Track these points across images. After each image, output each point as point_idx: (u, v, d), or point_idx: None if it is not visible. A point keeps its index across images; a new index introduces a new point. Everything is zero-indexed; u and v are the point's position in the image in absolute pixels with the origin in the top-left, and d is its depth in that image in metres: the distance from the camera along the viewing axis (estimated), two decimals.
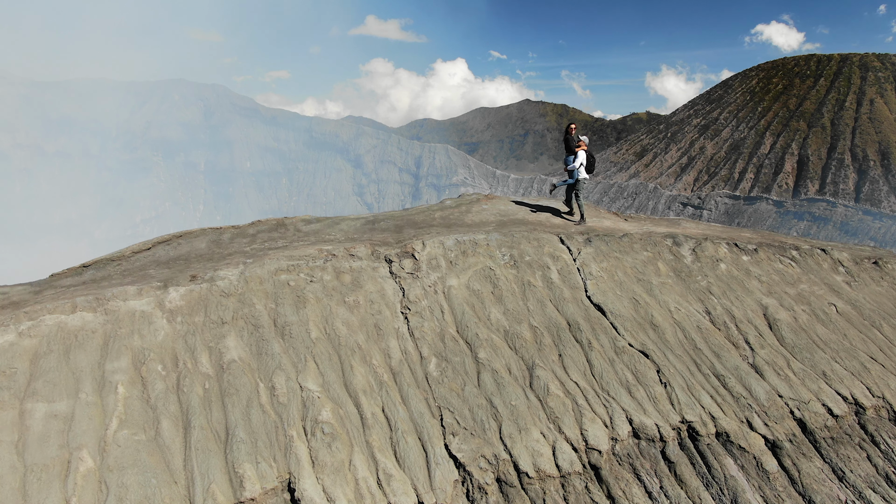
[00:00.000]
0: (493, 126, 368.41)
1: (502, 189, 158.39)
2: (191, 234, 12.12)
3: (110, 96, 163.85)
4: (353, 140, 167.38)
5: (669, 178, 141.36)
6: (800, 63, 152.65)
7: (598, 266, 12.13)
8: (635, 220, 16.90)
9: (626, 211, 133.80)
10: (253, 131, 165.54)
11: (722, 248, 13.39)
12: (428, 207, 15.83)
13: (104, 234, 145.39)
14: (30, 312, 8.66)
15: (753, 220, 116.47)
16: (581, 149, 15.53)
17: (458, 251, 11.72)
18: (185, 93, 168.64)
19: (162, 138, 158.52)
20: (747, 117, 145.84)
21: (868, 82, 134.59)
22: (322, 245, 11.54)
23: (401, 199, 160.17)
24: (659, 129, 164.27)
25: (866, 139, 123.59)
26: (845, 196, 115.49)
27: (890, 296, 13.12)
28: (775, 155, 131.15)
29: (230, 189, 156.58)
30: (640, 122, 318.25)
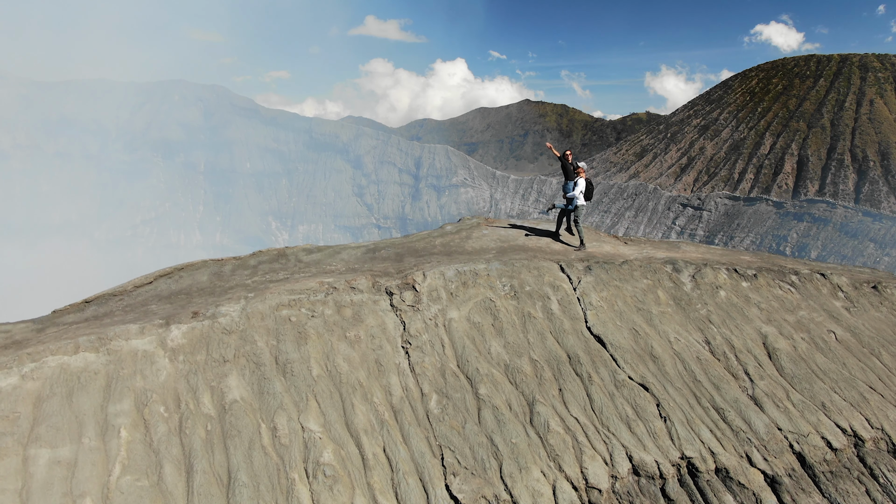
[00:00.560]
0: (493, 126, 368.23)
1: (502, 189, 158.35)
2: (192, 267, 12.16)
3: (110, 97, 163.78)
4: (352, 141, 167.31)
5: (669, 179, 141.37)
6: (799, 63, 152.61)
7: (599, 295, 12.17)
8: (635, 243, 16.94)
9: (626, 212, 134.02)
10: (253, 132, 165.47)
11: (721, 274, 13.43)
12: (429, 234, 15.87)
13: (104, 235, 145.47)
14: (32, 354, 8.70)
15: (753, 220, 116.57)
16: (581, 176, 15.60)
17: (459, 282, 11.77)
18: (184, 93, 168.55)
19: (162, 139, 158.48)
20: (747, 118, 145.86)
21: (868, 83, 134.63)
22: (323, 277, 11.58)
23: (400, 200, 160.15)
24: (659, 129, 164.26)
25: (866, 139, 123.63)
26: (845, 196, 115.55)
27: (889, 322, 13.17)
28: (775, 155, 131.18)
29: (230, 190, 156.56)
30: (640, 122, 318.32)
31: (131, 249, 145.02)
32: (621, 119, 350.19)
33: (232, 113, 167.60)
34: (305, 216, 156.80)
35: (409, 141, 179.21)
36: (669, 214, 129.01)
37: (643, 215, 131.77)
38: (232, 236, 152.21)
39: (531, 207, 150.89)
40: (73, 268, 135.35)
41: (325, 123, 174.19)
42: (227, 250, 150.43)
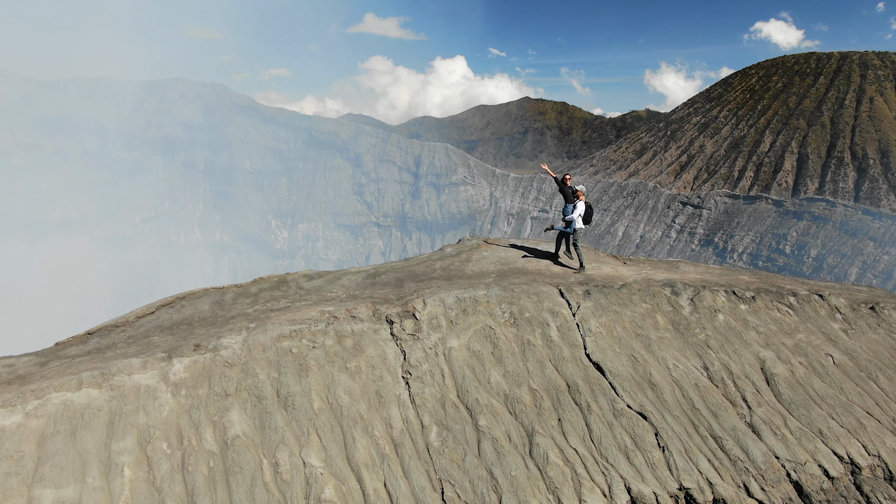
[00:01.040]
0: (493, 124, 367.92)
1: (502, 187, 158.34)
2: (194, 296, 12.23)
3: (110, 95, 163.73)
4: (352, 139, 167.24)
5: (669, 177, 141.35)
6: (799, 61, 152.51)
7: (598, 321, 12.25)
8: (634, 263, 17.01)
9: (626, 210, 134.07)
10: (252, 130, 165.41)
11: (720, 297, 13.51)
12: (429, 257, 15.94)
13: (104, 233, 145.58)
14: (36, 391, 8.78)
15: (753, 219, 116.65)
16: (580, 199, 15.69)
17: (459, 309, 11.84)
18: (184, 92, 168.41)
19: (161, 137, 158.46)
20: (747, 115, 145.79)
21: (868, 80, 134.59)
22: (324, 305, 11.65)
23: (400, 198, 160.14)
24: (659, 127, 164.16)
25: (866, 137, 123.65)
26: (845, 194, 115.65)
27: (886, 344, 13.24)
28: (775, 153, 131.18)
29: (230, 188, 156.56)
30: (640, 119, 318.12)
31: (131, 248, 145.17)
32: (621, 116, 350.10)
33: (231, 111, 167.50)
34: (305, 214, 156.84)
35: (408, 139, 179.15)
36: (669, 213, 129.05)
37: (643, 213, 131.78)
38: (232, 235, 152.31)
39: (531, 205, 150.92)
40: (73, 266, 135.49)
41: (324, 122, 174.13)
42: (226, 249, 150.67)
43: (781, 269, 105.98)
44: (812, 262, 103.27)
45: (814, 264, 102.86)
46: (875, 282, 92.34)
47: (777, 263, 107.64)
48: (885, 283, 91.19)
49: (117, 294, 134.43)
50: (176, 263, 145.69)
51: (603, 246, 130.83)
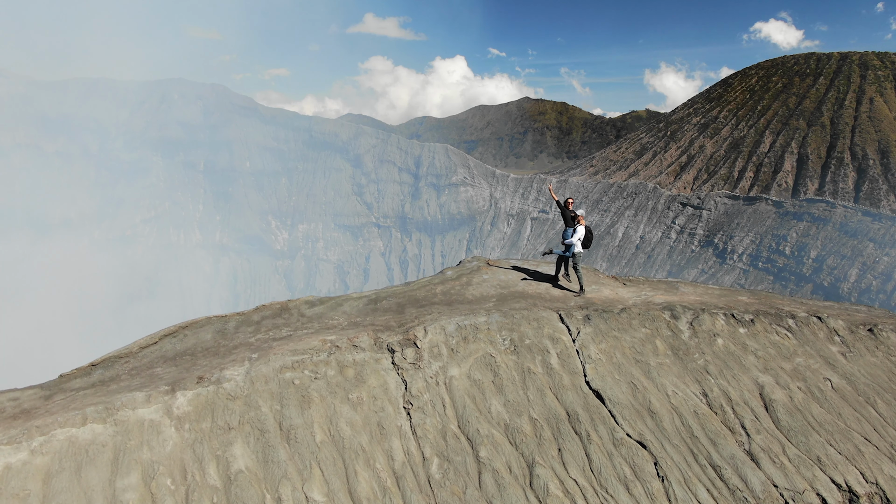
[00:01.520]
0: (493, 124, 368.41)
1: (502, 188, 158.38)
2: (196, 325, 12.32)
3: (110, 96, 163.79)
4: (352, 140, 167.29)
5: (669, 177, 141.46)
6: (799, 61, 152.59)
7: (597, 347, 12.33)
8: (634, 284, 17.09)
9: (626, 211, 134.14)
10: (252, 131, 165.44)
11: (719, 320, 13.59)
12: (429, 281, 16.01)
13: (104, 234, 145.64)
14: (41, 427, 8.86)
15: (753, 220, 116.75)
16: (581, 223, 15.81)
17: (460, 337, 11.93)
18: (184, 92, 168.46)
19: (161, 138, 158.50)
20: (747, 116, 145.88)
21: (868, 81, 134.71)
22: (325, 334, 11.73)
23: (400, 199, 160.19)
24: (659, 127, 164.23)
25: (866, 138, 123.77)
26: (844, 195, 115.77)
27: (884, 367, 13.33)
28: (775, 153, 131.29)
29: (230, 189, 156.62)
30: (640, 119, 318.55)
31: (131, 248, 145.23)
32: (621, 117, 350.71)
33: (231, 112, 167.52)
34: (305, 215, 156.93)
35: (408, 140, 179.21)
36: (669, 213, 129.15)
37: (643, 214, 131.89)
38: (231, 235, 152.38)
39: (531, 206, 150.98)
40: (73, 266, 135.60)
41: (324, 122, 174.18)
42: (226, 249, 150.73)
43: (781, 271, 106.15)
44: (812, 263, 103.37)
45: (814, 265, 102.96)
46: (875, 283, 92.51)
47: (777, 265, 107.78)
48: (885, 284, 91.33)
49: (117, 294, 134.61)
50: (176, 264, 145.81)
51: (603, 247, 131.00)
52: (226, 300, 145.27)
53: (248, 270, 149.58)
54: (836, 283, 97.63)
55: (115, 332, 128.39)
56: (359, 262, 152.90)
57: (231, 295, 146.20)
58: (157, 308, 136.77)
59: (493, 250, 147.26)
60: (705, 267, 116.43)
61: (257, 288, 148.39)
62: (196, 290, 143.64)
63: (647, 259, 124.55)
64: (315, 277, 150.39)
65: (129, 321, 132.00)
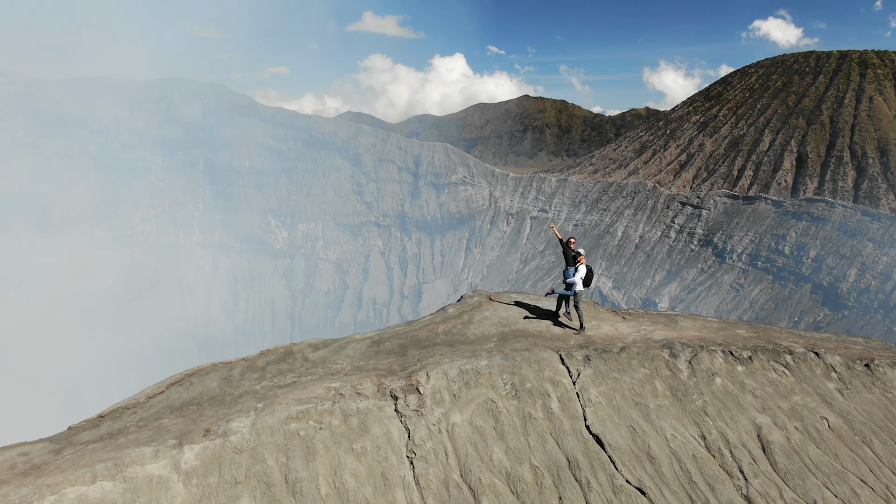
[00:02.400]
0: (492, 122, 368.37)
1: (501, 187, 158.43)
2: (202, 372, 12.48)
3: (109, 95, 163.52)
4: (351, 139, 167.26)
5: (668, 176, 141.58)
6: (799, 60, 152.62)
7: (597, 390, 12.51)
8: (633, 317, 17.24)
9: (625, 210, 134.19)
10: (252, 130, 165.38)
11: (717, 358, 13.76)
12: (431, 319, 16.17)
13: (103, 234, 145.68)
14: (52, 485, 9.02)
15: (752, 219, 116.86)
16: (581, 263, 16.01)
17: (462, 382, 12.10)
18: (183, 91, 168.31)
19: (161, 137, 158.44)
20: (746, 114, 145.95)
21: (867, 79, 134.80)
22: (329, 381, 11.90)
23: (400, 198, 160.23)
24: (658, 125, 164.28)
25: (865, 136, 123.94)
26: (844, 193, 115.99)
27: (880, 404, 13.51)
28: (774, 152, 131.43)
29: (229, 188, 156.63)
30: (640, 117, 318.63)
31: (131, 248, 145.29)
32: (620, 115, 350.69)
33: (231, 111, 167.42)
34: (305, 214, 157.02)
35: (408, 139, 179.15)
36: (668, 213, 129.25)
37: (642, 213, 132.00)
38: (231, 235, 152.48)
39: (530, 205, 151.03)
40: (74, 266, 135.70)
41: (324, 121, 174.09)
42: (226, 248, 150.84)
43: (780, 270, 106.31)
44: (811, 262, 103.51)
45: (813, 265, 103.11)
46: (874, 283, 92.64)
47: (776, 264, 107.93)
48: (884, 284, 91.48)
49: (118, 293, 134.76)
50: (175, 263, 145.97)
51: (602, 246, 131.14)
52: (225, 300, 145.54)
53: (247, 270, 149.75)
54: (836, 282, 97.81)
55: (116, 332, 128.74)
56: (358, 261, 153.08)
57: (231, 294, 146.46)
58: (157, 307, 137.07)
59: (493, 249, 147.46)
60: (704, 266, 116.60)
61: (257, 287, 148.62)
62: (196, 290, 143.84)
63: (647, 258, 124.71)
64: (315, 277, 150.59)
65: (130, 320, 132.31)
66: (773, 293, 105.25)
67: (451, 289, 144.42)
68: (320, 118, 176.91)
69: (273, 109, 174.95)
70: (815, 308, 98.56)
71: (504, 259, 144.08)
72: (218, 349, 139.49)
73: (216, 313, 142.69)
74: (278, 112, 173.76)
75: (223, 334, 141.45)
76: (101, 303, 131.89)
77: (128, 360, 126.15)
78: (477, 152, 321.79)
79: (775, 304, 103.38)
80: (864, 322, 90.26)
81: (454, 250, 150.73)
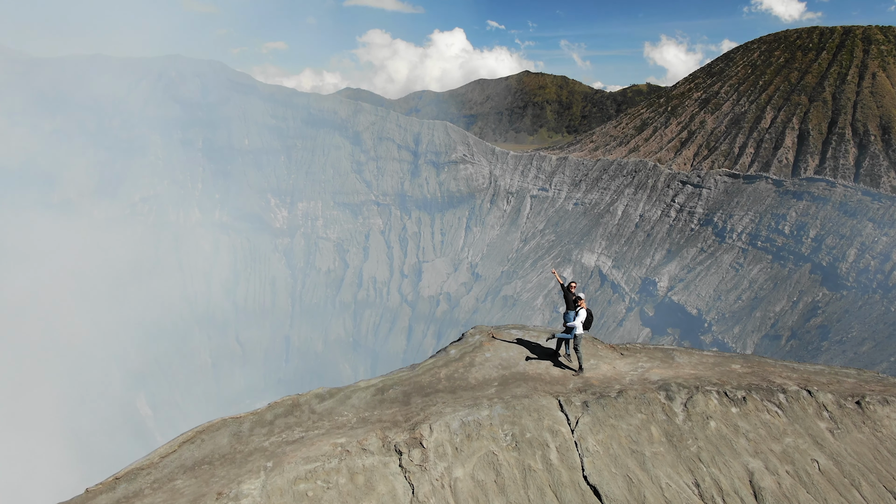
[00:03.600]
0: (492, 98, 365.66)
1: (501, 165, 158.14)
2: (212, 428, 12.85)
3: (106, 73, 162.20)
4: (351, 117, 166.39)
5: (669, 153, 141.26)
6: (802, 36, 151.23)
7: (595, 439, 12.90)
8: (630, 353, 17.59)
9: (625, 189, 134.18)
10: (251, 108, 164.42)
11: (712, 400, 14.14)
12: (433, 363, 16.52)
13: (103, 214, 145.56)
14: None
15: (752, 199, 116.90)
16: (582, 307, 16.35)
17: (464, 434, 12.48)
18: (181, 69, 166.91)
19: (159, 116, 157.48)
20: (748, 91, 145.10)
21: (871, 55, 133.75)
22: (336, 436, 12.29)
23: (399, 177, 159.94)
24: (659, 102, 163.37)
25: (867, 113, 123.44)
26: (845, 171, 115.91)
27: (870, 444, 13.90)
28: (776, 129, 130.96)
29: (228, 167, 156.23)
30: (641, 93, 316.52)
31: (131, 227, 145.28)
32: (621, 91, 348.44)
33: (230, 89, 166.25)
34: (304, 193, 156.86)
35: (407, 117, 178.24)
36: (669, 192, 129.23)
37: (642, 192, 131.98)
38: (231, 214, 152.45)
39: (530, 184, 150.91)
40: (73, 247, 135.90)
41: (323, 99, 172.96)
42: (226, 228, 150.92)
43: (780, 250, 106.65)
44: (811, 242, 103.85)
45: (812, 245, 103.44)
46: (873, 263, 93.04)
47: (776, 244, 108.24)
48: (883, 264, 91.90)
49: (118, 273, 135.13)
50: (175, 242, 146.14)
51: (602, 226, 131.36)
52: (226, 279, 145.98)
53: (247, 249, 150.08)
54: (835, 262, 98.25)
55: (117, 311, 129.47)
56: (358, 240, 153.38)
57: (231, 273, 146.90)
58: (157, 286, 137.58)
59: (493, 228, 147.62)
60: (704, 246, 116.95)
61: (257, 266, 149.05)
62: (196, 269, 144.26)
63: (647, 237, 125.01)
64: (315, 256, 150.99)
65: (131, 299, 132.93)
66: (772, 273, 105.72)
67: (451, 267, 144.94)
68: (319, 96, 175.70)
69: (272, 87, 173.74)
70: (813, 288, 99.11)
71: (504, 238, 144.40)
72: (219, 328, 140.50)
73: (217, 292, 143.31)
74: (277, 90, 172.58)
75: (224, 313, 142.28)
76: (101, 282, 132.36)
77: (129, 340, 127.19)
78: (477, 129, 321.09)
79: (774, 283, 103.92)
80: (863, 302, 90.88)
81: (454, 229, 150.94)
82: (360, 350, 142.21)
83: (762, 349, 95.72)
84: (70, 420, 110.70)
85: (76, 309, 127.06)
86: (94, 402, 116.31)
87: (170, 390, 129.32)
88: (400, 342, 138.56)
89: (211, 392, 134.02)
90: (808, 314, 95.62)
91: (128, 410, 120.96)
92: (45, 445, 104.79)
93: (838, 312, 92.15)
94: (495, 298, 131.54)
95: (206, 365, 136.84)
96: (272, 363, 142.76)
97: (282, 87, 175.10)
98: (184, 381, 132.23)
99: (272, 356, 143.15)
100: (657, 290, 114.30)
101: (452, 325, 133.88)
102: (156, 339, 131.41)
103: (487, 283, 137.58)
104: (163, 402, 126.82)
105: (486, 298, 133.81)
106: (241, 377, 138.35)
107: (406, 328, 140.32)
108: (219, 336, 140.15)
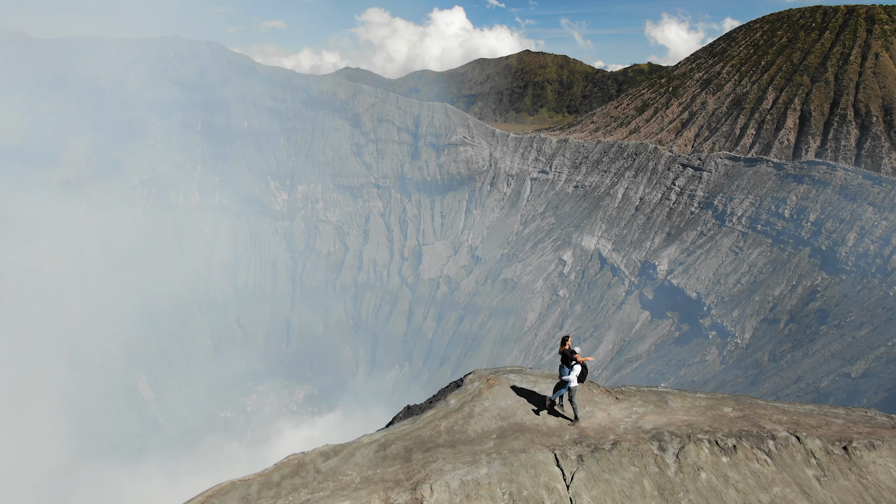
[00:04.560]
0: (493, 78, 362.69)
1: (501, 147, 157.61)
2: (221, 492, 13.08)
3: (104, 55, 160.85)
4: (350, 98, 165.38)
5: (670, 134, 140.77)
6: (805, 15, 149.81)
7: (589, 495, 13.16)
8: (625, 397, 17.82)
9: (626, 172, 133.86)
10: (250, 90, 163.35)
11: (703, 450, 14.37)
12: (434, 415, 16.79)
13: (102, 197, 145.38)
14: None
15: (753, 182, 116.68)
16: (578, 361, 16.60)
17: (463, 494, 12.75)
18: (179, 51, 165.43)
19: (157, 98, 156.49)
20: (750, 71, 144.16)
21: (874, 35, 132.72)
22: (340, 499, 12.54)
23: (399, 159, 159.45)
24: (660, 82, 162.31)
25: (870, 94, 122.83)
26: (846, 152, 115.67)
27: (855, 492, 14.15)
28: (777, 110, 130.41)
29: (228, 149, 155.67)
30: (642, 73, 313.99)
31: (130, 210, 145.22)
32: (622, 70, 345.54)
33: (228, 70, 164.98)
34: (304, 176, 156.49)
35: (407, 98, 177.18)
36: (669, 175, 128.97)
37: (643, 175, 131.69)
38: (231, 196, 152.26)
39: (531, 166, 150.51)
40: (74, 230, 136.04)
41: (322, 80, 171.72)
42: (226, 210, 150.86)
43: (780, 234, 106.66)
44: (811, 226, 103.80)
45: (812, 229, 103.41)
46: (872, 247, 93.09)
47: (776, 228, 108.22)
48: (883, 248, 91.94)
49: (117, 257, 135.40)
50: (175, 225, 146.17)
51: (602, 209, 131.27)
52: (226, 261, 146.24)
53: (248, 232, 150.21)
54: (834, 246, 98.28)
55: (118, 294, 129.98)
56: (358, 222, 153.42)
57: (232, 256, 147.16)
58: (158, 269, 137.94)
59: (493, 211, 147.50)
60: (704, 229, 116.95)
61: (258, 249, 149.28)
62: (196, 252, 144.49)
63: (647, 221, 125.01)
64: (315, 238, 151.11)
65: (131, 282, 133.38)
66: (771, 256, 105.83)
67: (451, 250, 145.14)
68: (318, 77, 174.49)
69: (271, 68, 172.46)
70: (812, 272, 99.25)
71: (504, 220, 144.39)
72: (219, 311, 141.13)
73: (217, 275, 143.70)
74: (276, 71, 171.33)
75: (224, 296, 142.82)
76: (102, 264, 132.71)
77: (130, 322, 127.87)
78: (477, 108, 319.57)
79: (773, 267, 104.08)
80: (862, 286, 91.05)
81: (454, 212, 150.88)
82: (360, 333, 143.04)
83: (761, 333, 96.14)
84: (71, 401, 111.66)
85: (77, 290, 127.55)
86: (96, 384, 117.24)
87: (171, 372, 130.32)
88: (400, 325, 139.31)
89: (212, 374, 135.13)
90: (806, 298, 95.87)
91: (129, 392, 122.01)
92: (47, 426, 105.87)
93: (837, 297, 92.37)
94: (495, 281, 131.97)
95: (206, 347, 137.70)
96: (273, 346, 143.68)
97: (280, 69, 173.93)
98: (185, 364, 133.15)
99: (273, 339, 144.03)
100: (657, 274, 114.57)
101: (452, 307, 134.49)
102: (156, 321, 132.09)
103: (487, 265, 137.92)
104: (164, 384, 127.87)
105: (486, 281, 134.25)
106: (241, 359, 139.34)
107: (406, 311, 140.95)
108: (219, 318, 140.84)
